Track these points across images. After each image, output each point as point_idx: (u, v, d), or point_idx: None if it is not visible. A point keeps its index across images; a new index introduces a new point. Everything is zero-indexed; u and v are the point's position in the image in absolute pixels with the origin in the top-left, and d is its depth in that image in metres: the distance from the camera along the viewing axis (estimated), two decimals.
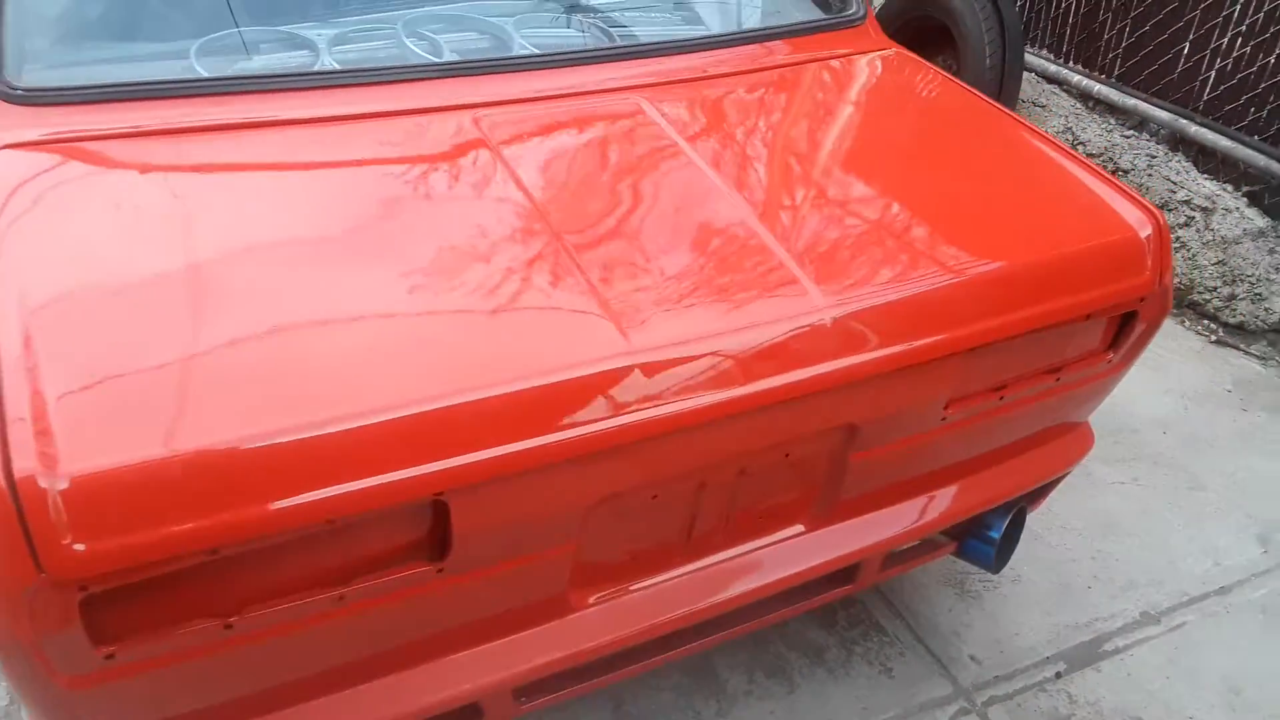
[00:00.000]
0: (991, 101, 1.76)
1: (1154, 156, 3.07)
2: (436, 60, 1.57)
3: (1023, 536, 1.71)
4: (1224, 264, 2.86)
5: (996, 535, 1.64)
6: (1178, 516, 2.27)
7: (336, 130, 1.42)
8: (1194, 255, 2.93)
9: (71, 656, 0.98)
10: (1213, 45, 2.91)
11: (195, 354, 1.06)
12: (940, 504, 1.57)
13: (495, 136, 1.42)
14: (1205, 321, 2.93)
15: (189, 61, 1.46)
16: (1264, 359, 2.80)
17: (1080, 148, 3.22)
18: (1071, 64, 3.45)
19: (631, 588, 1.35)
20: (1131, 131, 3.20)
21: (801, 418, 1.26)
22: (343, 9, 1.63)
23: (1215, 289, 2.88)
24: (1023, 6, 3.62)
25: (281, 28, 1.54)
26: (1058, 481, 1.78)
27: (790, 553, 1.45)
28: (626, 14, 1.84)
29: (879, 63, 1.85)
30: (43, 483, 0.91)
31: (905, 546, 1.62)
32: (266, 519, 0.97)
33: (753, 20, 1.97)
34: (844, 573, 1.55)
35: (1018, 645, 1.95)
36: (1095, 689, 1.87)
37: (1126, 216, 1.50)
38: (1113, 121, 3.26)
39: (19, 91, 1.32)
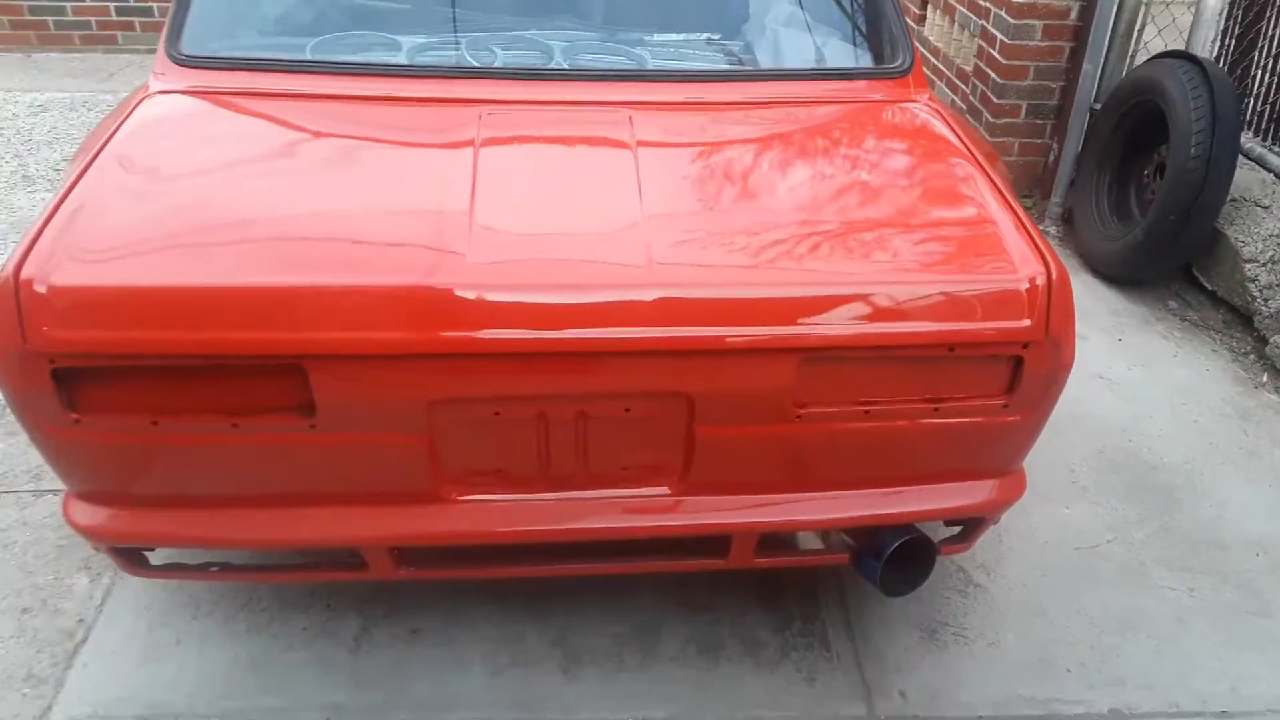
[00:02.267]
0: (968, 156, 1.83)
1: None
2: (475, 65, 1.99)
3: (1017, 605, 1.75)
4: None
5: (883, 554, 1.71)
6: (1218, 634, 2.10)
7: (383, 107, 1.88)
8: None
9: (50, 413, 1.47)
10: None
11: (177, 233, 1.53)
12: (819, 505, 1.70)
13: (486, 127, 1.80)
14: None
15: (304, 50, 2.00)
16: None
17: None
18: None
19: (496, 497, 1.64)
20: None
21: (624, 372, 1.50)
22: (416, 24, 2.09)
23: None
24: (1259, 96, 3.36)
25: (367, 32, 2.05)
26: (977, 524, 1.81)
27: (652, 508, 1.67)
28: (684, 45, 2.14)
29: (894, 110, 1.99)
30: (37, 286, 1.41)
31: (782, 535, 1.75)
32: (167, 343, 1.41)
33: (803, 61, 2.16)
34: (712, 544, 1.73)
35: (956, 697, 1.95)
36: None
37: (1020, 265, 1.56)
38: None
39: (181, 55, 1.93)
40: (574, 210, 1.64)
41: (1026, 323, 1.54)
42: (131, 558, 1.74)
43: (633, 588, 2.13)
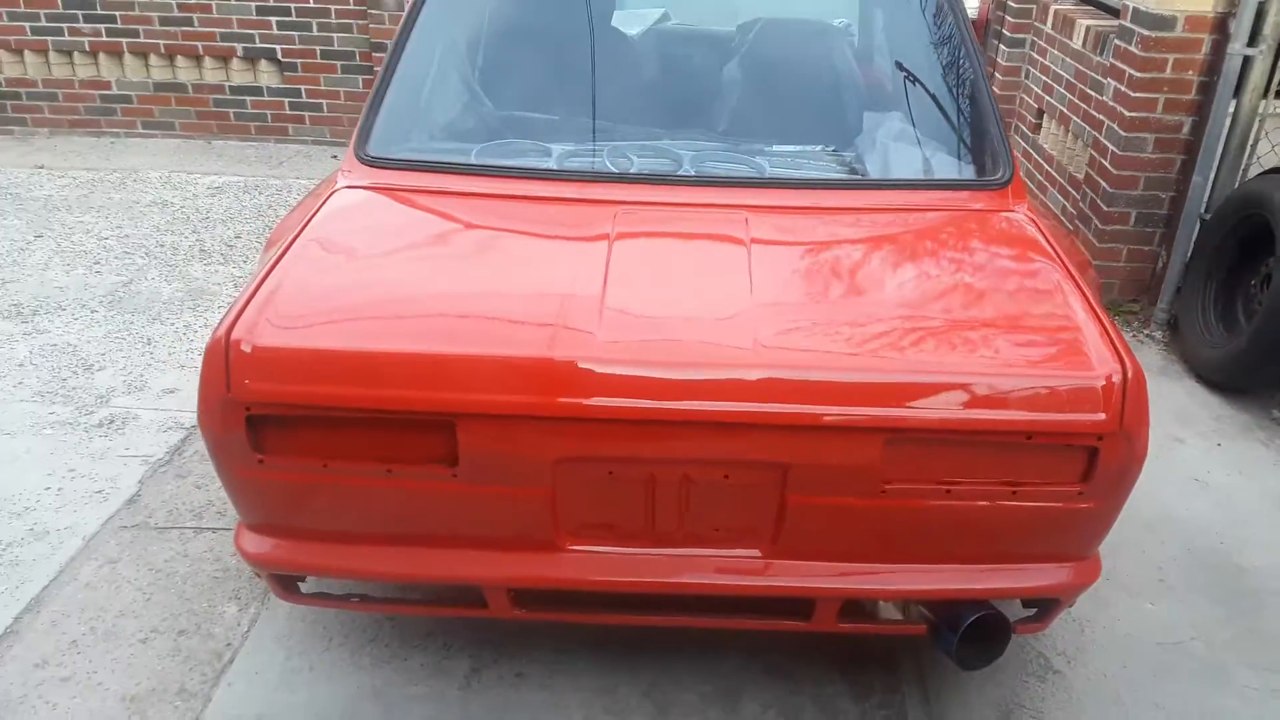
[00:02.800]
0: (1058, 262, 1.97)
1: None
2: (614, 170, 2.25)
3: (1095, 694, 2.01)
4: None
5: (959, 629, 1.83)
6: None
7: (534, 205, 2.16)
8: None
9: (240, 453, 1.74)
10: None
11: (357, 307, 1.82)
12: (899, 577, 1.84)
13: (620, 224, 2.05)
14: None
15: (470, 154, 2.30)
16: None
17: None
18: None
19: (604, 549, 1.84)
20: None
21: (726, 442, 1.69)
22: (564, 134, 2.37)
23: None
24: None
25: (523, 140, 2.34)
26: (1053, 605, 1.91)
27: (744, 569, 1.84)
28: (799, 155, 2.36)
29: (993, 219, 2.16)
30: (243, 346, 1.70)
31: (864, 603, 1.89)
32: (343, 398, 1.67)
33: (909, 172, 2.34)
34: (797, 606, 1.88)
35: None
36: None
37: (1098, 363, 1.70)
38: None
39: (367, 156, 2.25)
40: (692, 298, 1.85)
41: (1102, 416, 1.67)
42: (286, 584, 1.99)
43: (720, 649, 2.28)
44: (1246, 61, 3.56)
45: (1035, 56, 5.18)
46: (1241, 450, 3.16)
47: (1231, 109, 3.71)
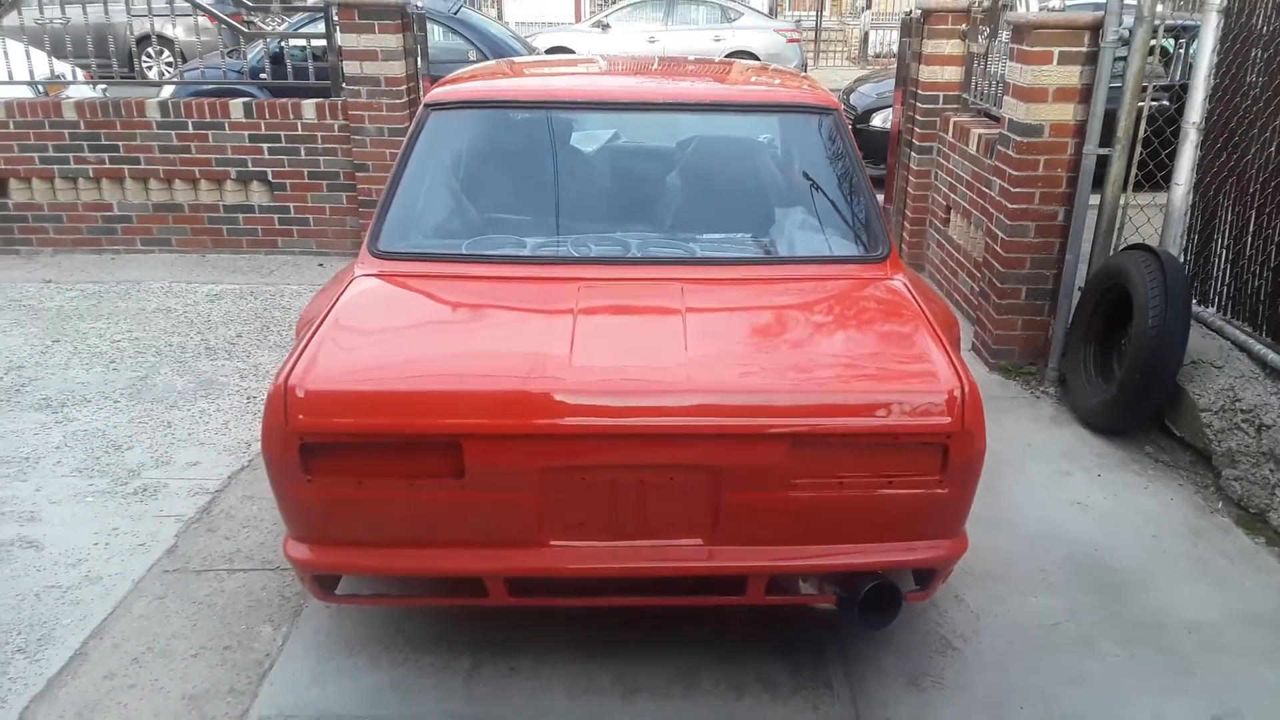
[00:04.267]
0: (920, 315, 2.56)
1: None
2: (576, 255, 2.83)
3: (985, 664, 2.52)
4: None
5: (858, 595, 2.35)
6: (1148, 687, 2.62)
7: (514, 284, 2.72)
8: None
9: (292, 475, 2.25)
10: None
11: (380, 361, 2.36)
12: (810, 554, 2.36)
13: (583, 297, 2.62)
14: None
15: (460, 247, 2.88)
16: None
17: (1237, 403, 3.57)
18: (1260, 335, 3.82)
19: (581, 544, 2.35)
20: None
21: (670, 451, 2.23)
22: (536, 229, 2.96)
23: None
24: (1217, 279, 4.05)
25: (504, 235, 2.92)
26: (931, 576, 2.43)
27: (690, 554, 2.35)
28: (724, 241, 2.96)
29: (874, 285, 2.76)
30: (297, 391, 2.22)
31: (784, 579, 2.41)
32: (375, 426, 2.20)
33: (810, 251, 2.94)
34: (733, 583, 2.39)
35: None
36: None
37: (943, 382, 2.27)
38: None
39: (378, 250, 2.82)
40: (640, 350, 2.41)
41: (948, 420, 2.23)
42: (325, 584, 2.46)
43: (678, 642, 2.76)
44: (1103, 160, 4.28)
45: (941, 161, 5.94)
46: (1118, 479, 3.73)
47: (1099, 199, 4.42)
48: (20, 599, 2.95)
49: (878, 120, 8.71)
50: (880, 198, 7.35)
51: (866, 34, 20.72)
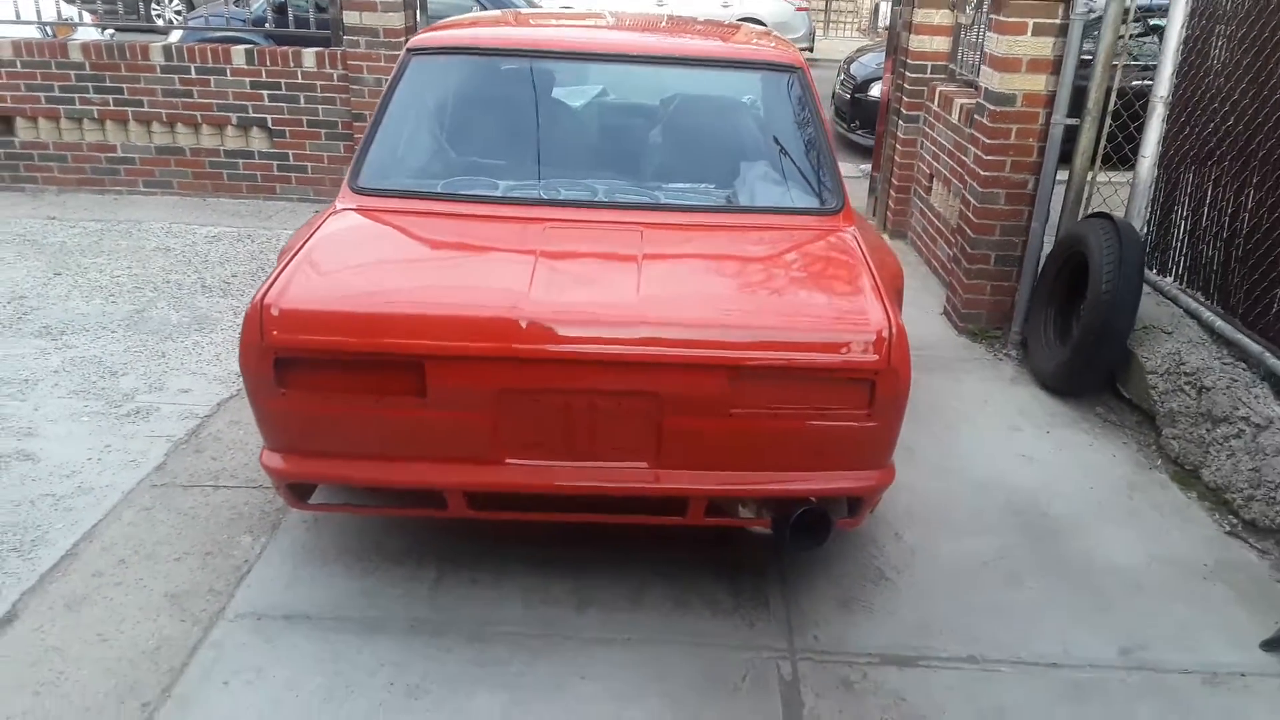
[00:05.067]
0: (864, 263, 2.72)
1: (1235, 380, 3.53)
2: (545, 197, 2.99)
3: (913, 593, 2.74)
4: (1257, 471, 3.25)
5: (790, 518, 2.53)
6: (1065, 618, 2.81)
7: (486, 222, 2.89)
8: (1236, 461, 3.34)
9: (268, 388, 2.43)
10: None
11: (353, 285, 2.53)
12: (747, 479, 2.54)
13: (548, 239, 2.78)
14: (1231, 517, 3.30)
15: (437, 186, 3.04)
16: (1263, 553, 3.12)
17: (1181, 366, 3.74)
18: (1211, 303, 3.98)
19: (533, 462, 2.53)
20: (1234, 361, 3.66)
21: (619, 377, 2.40)
22: (510, 173, 3.11)
23: (1242, 490, 3.26)
24: (1176, 249, 4.20)
25: (478, 176, 3.08)
26: (860, 504, 2.61)
27: (635, 475, 2.53)
28: (687, 190, 3.12)
29: (826, 235, 2.92)
30: (271, 309, 2.39)
31: (723, 502, 2.59)
32: (345, 345, 2.37)
33: (770, 202, 3.10)
34: (674, 504, 2.58)
35: (854, 641, 2.69)
36: (887, 677, 2.58)
37: (873, 324, 2.44)
38: (1225, 352, 3.74)
39: (358, 187, 2.98)
40: (595, 286, 2.58)
41: (875, 357, 2.40)
42: (299, 493, 2.65)
43: (630, 562, 2.95)
44: (1072, 130, 4.41)
45: (926, 130, 6.07)
46: (1066, 436, 3.91)
47: (1069, 171, 4.56)
48: (16, 505, 3.15)
49: (875, 90, 8.80)
50: (867, 165, 7.49)
51: (877, 5, 20.66)
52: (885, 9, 20.37)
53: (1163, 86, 4.28)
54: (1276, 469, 3.20)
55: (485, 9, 8.40)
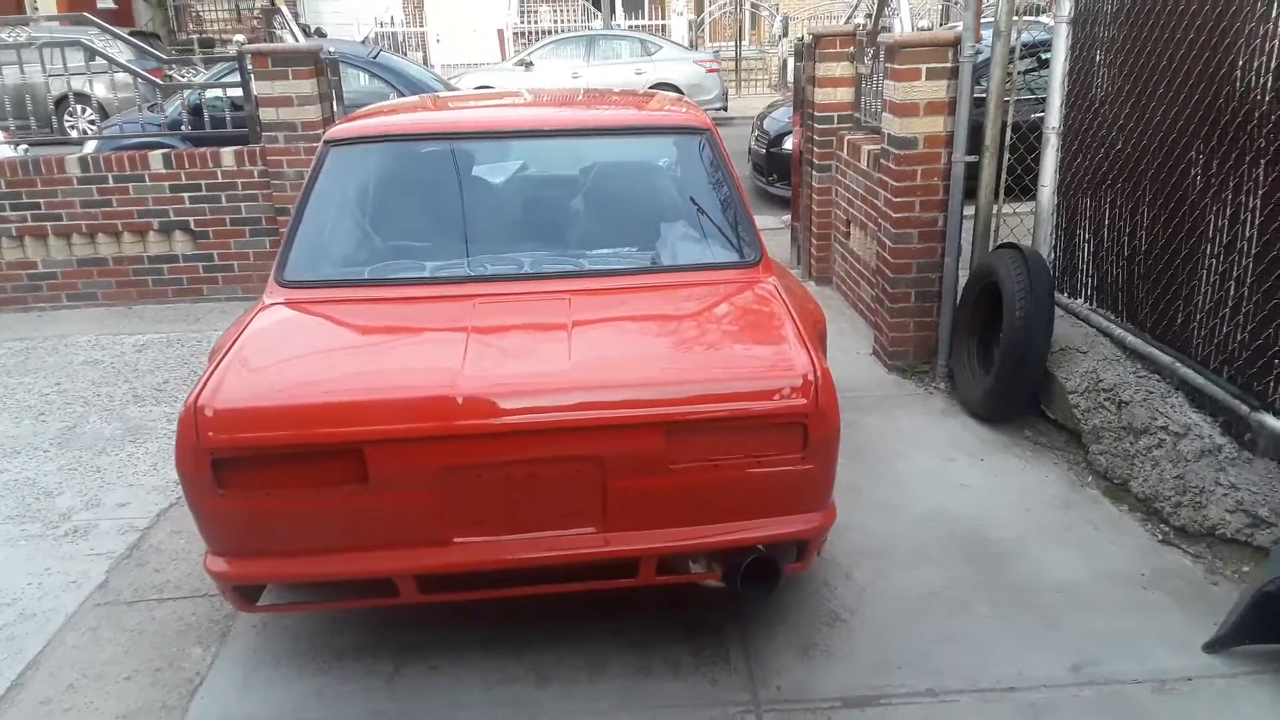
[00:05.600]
0: (786, 312, 2.81)
1: (1151, 392, 3.68)
2: (472, 274, 3.05)
3: (868, 631, 2.77)
4: (1181, 478, 3.38)
5: (740, 570, 2.57)
6: (1017, 642, 2.87)
7: (414, 304, 2.93)
8: (1161, 470, 3.47)
9: (208, 489, 2.42)
10: (1205, 309, 3.55)
11: (285, 380, 2.55)
12: (693, 534, 2.58)
13: (478, 315, 2.83)
14: (1162, 525, 3.41)
15: (363, 273, 3.08)
16: (1196, 556, 3.23)
17: (1099, 384, 3.88)
18: (1121, 320, 4.14)
19: (483, 539, 2.54)
20: (1148, 374, 3.82)
21: (557, 444, 2.44)
22: (435, 254, 3.17)
23: (1169, 497, 3.38)
24: (1083, 271, 4.39)
25: (403, 260, 3.14)
26: (808, 547, 2.66)
27: (584, 541, 2.56)
28: (610, 255, 3.20)
29: (747, 287, 3.01)
30: (205, 411, 2.40)
31: (673, 560, 2.62)
32: (278, 439, 2.38)
33: (690, 259, 3.19)
34: (625, 566, 2.60)
35: (816, 688, 2.72)
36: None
37: (799, 369, 2.52)
38: (1139, 366, 3.89)
39: (285, 280, 3.01)
40: (527, 356, 2.64)
41: (803, 401, 2.48)
42: (247, 595, 2.63)
43: (587, 633, 2.96)
44: (974, 167, 4.60)
45: (838, 178, 6.27)
46: (999, 462, 4.02)
47: (975, 206, 4.74)
48: None
49: (788, 143, 9.04)
50: (788, 216, 7.69)
51: (785, 61, 21.29)
52: (793, 64, 21.07)
53: (1054, 117, 4.50)
54: (1199, 473, 3.33)
55: (402, 94, 8.52)
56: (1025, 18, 5.00)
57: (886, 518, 3.57)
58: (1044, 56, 7.40)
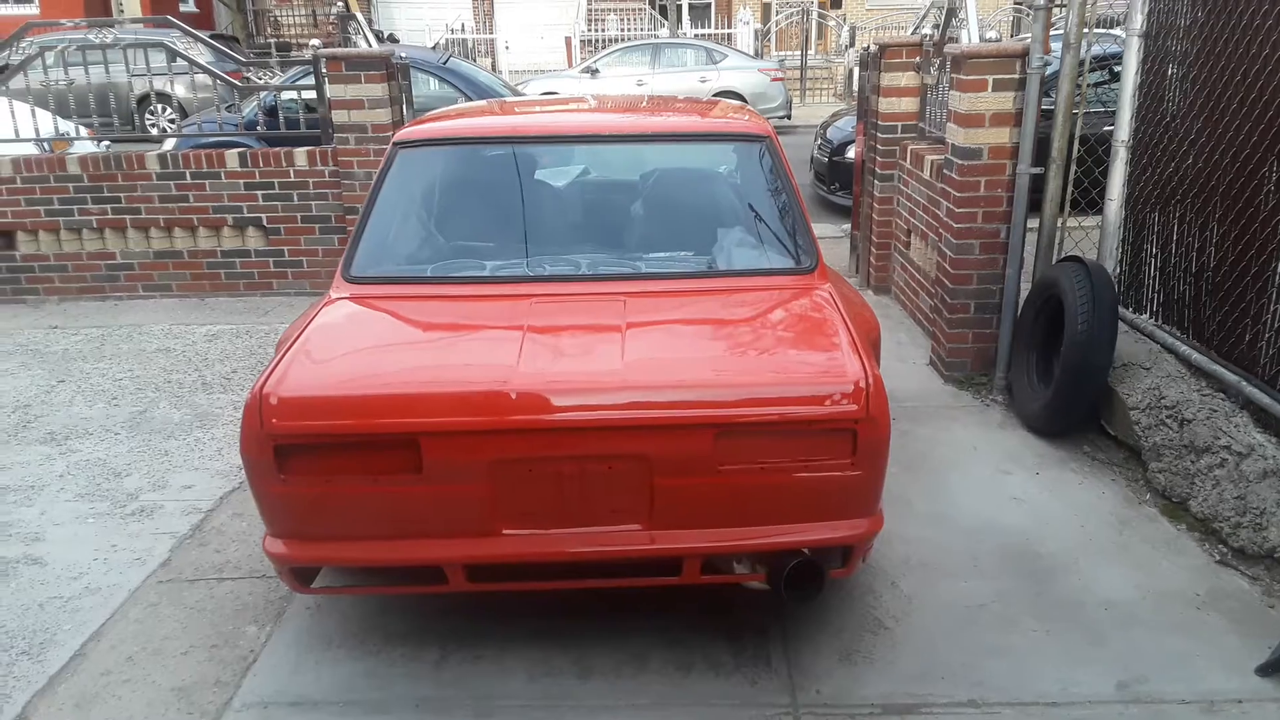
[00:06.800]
0: (841, 320, 2.81)
1: (1215, 411, 3.60)
2: (531, 274, 3.10)
3: (913, 640, 2.78)
4: (1242, 499, 3.30)
5: (784, 573, 2.58)
6: (1062, 657, 2.83)
7: (474, 301, 3.00)
8: (1221, 490, 3.39)
9: (270, 474, 2.50)
10: (1275, 327, 3.47)
11: (348, 371, 2.62)
12: (739, 535, 2.59)
13: (535, 314, 2.88)
14: (1220, 546, 3.34)
15: (426, 271, 3.16)
16: (1254, 579, 3.16)
17: (1162, 400, 3.81)
18: (1186, 337, 4.06)
19: (531, 532, 2.59)
20: (1212, 392, 3.74)
21: (608, 442, 2.48)
22: (496, 254, 3.23)
23: (1229, 518, 3.31)
24: (1149, 287, 4.31)
25: (465, 259, 3.20)
26: (853, 553, 2.66)
27: (630, 538, 2.59)
28: (667, 259, 3.23)
29: (802, 294, 3.02)
30: (270, 398, 2.48)
31: (717, 560, 2.64)
32: (342, 428, 2.46)
33: (746, 265, 3.21)
34: (670, 564, 2.63)
35: (856, 693, 2.72)
36: None
37: (851, 376, 2.52)
38: (1203, 384, 3.82)
39: (350, 276, 3.10)
40: (582, 355, 2.68)
41: (855, 408, 2.48)
42: (302, 578, 2.71)
43: (631, 629, 2.99)
44: (1039, 179, 4.55)
45: (901, 187, 6.23)
46: (1055, 477, 3.96)
47: (1039, 218, 4.69)
48: (25, 609, 3.20)
49: (851, 152, 9.00)
50: (847, 225, 7.65)
51: (851, 71, 21.16)
52: (858, 74, 20.95)
53: (1123, 131, 4.43)
54: (1261, 495, 3.26)
55: (470, 99, 8.66)
56: (1096, 30, 4.93)
57: (936, 528, 3.54)
58: (1115, 69, 7.29)
